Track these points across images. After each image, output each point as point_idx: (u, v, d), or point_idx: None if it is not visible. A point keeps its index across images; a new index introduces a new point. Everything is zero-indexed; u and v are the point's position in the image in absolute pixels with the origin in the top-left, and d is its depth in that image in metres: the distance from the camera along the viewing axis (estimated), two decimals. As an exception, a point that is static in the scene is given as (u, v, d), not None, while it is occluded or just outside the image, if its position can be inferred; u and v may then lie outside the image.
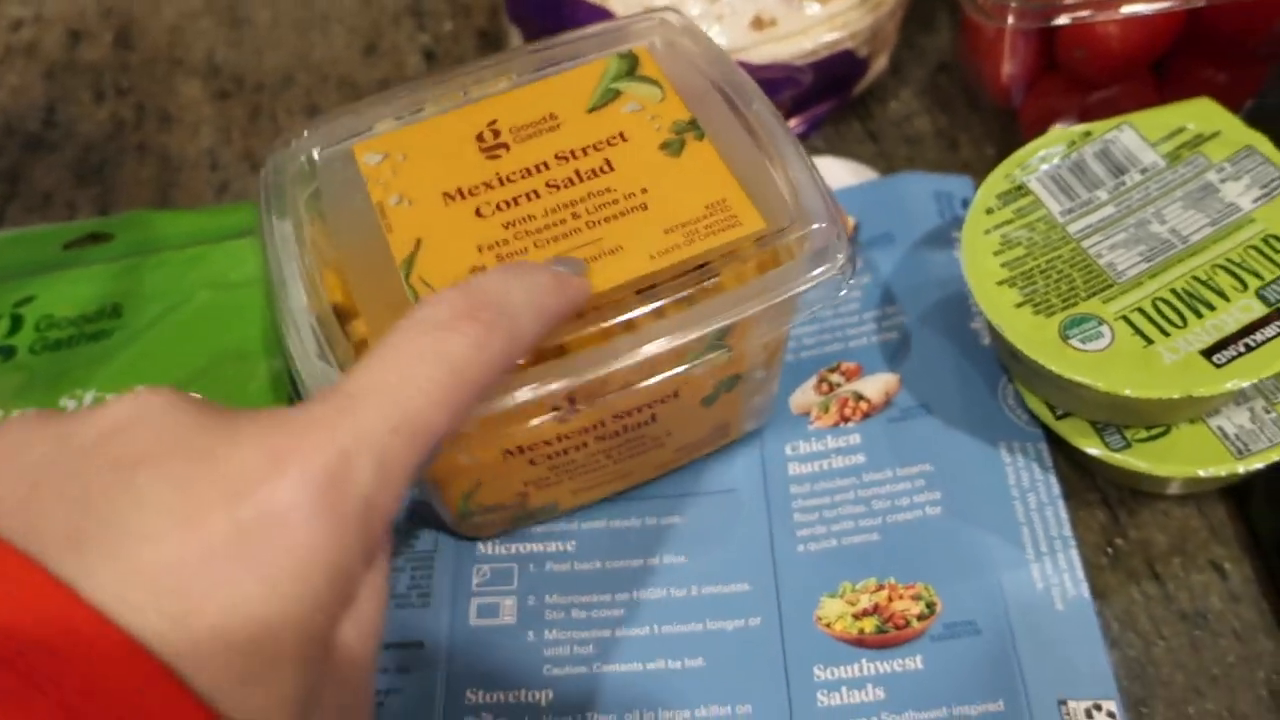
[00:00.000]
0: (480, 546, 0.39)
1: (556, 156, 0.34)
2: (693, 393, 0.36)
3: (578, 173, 0.33)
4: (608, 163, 0.33)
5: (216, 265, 0.45)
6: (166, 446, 0.21)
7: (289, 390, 0.42)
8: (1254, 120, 0.40)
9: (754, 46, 0.46)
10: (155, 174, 0.52)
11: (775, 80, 0.47)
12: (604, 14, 0.47)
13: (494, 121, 0.35)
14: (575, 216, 0.32)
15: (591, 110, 0.35)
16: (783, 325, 0.33)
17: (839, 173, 0.48)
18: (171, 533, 0.20)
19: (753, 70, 0.46)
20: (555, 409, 0.31)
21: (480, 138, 0.34)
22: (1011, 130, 0.48)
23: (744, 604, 0.37)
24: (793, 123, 0.49)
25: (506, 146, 0.34)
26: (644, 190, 0.32)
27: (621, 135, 0.34)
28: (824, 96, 0.50)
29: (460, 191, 0.33)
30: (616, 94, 0.35)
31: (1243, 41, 0.43)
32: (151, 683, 0.19)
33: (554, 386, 0.30)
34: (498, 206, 0.32)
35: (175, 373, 0.42)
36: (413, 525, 0.40)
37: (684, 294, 0.31)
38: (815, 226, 0.32)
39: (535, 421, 0.31)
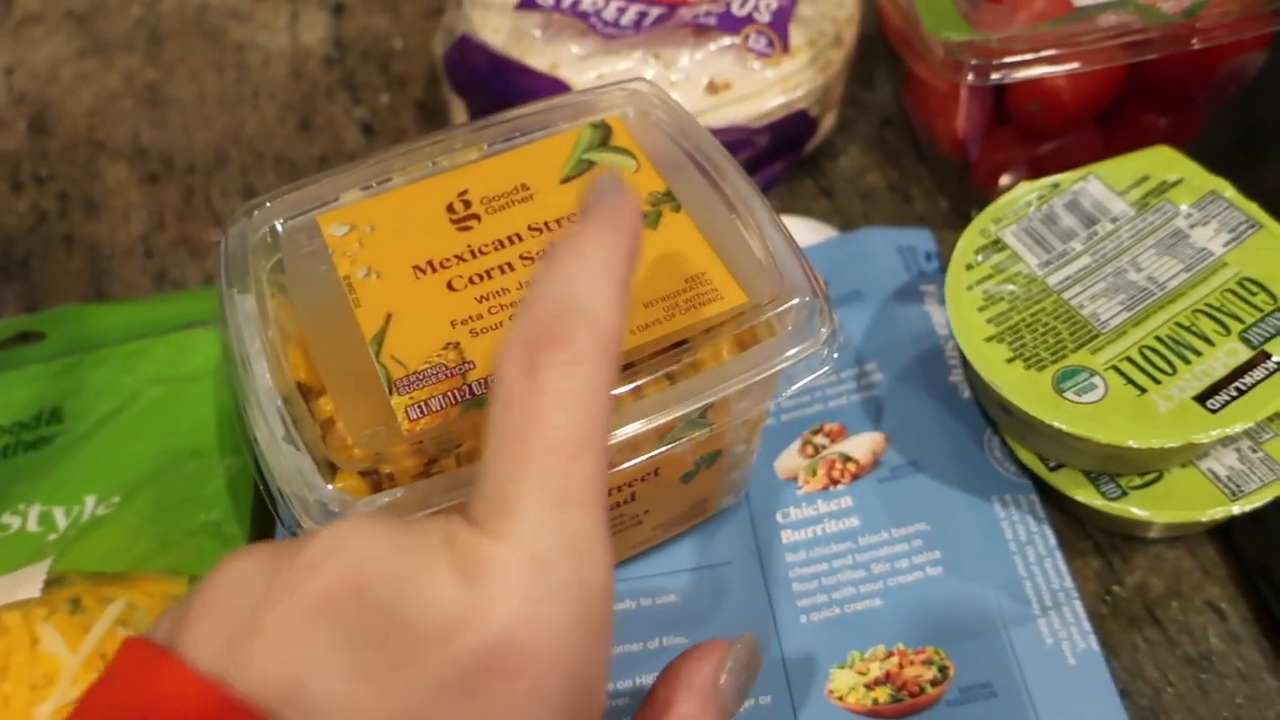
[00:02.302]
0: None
1: (530, 228, 0.32)
2: (673, 470, 0.35)
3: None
4: None
5: (162, 359, 0.43)
6: (369, 573, 0.20)
7: (250, 488, 0.39)
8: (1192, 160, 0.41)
9: (710, 110, 0.46)
10: (85, 265, 0.49)
11: (732, 143, 0.47)
12: (555, 83, 0.46)
13: (464, 192, 0.33)
14: None
15: (565, 181, 0.34)
16: (766, 400, 0.33)
17: (799, 231, 0.48)
18: (379, 685, 0.19)
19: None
20: None
21: (451, 208, 0.33)
22: (963, 182, 0.48)
23: None
24: (747, 183, 0.49)
25: (478, 218, 0.33)
26: None
27: None
28: (777, 156, 0.50)
29: (431, 264, 0.32)
30: (590, 164, 0.34)
31: (1183, 89, 0.45)
32: None
33: None
34: (470, 280, 0.31)
35: (126, 477, 0.39)
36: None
37: (664, 371, 0.30)
38: (797, 300, 0.31)
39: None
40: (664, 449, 0.31)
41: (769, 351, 0.30)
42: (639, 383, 0.29)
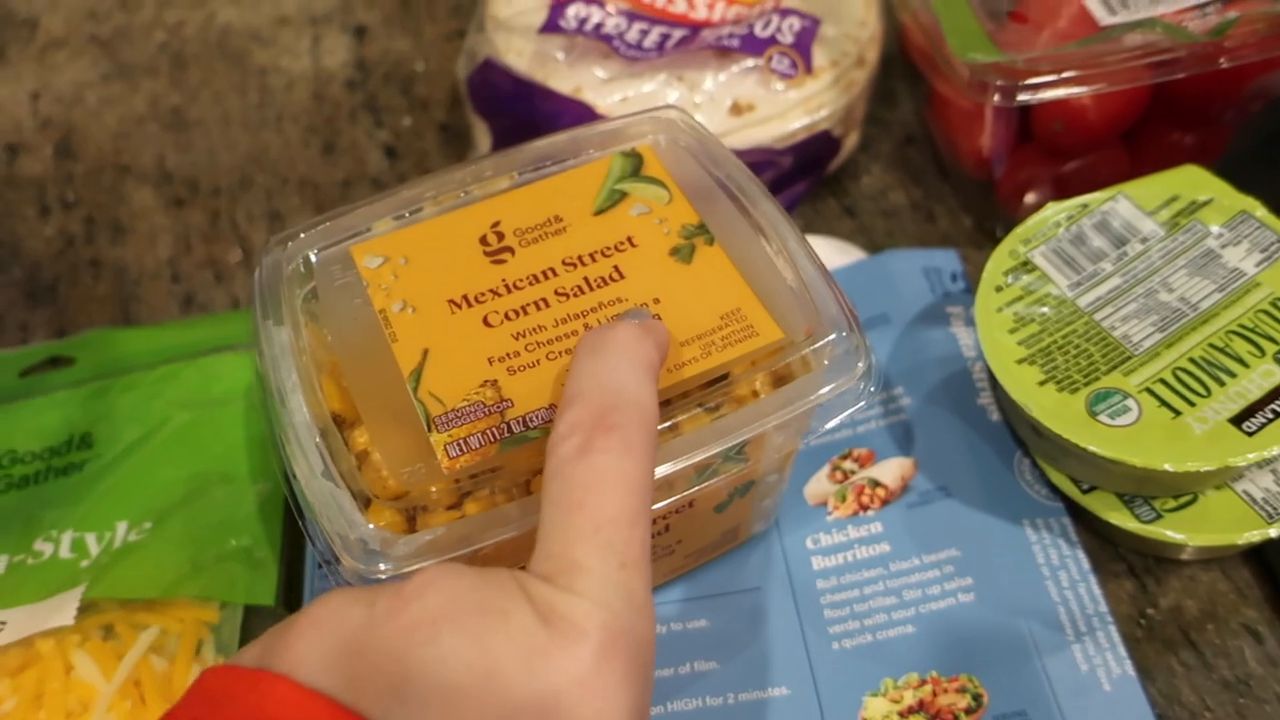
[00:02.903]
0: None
1: (564, 262, 0.32)
2: (707, 502, 0.35)
3: (587, 280, 0.32)
4: (617, 270, 0.32)
5: (191, 383, 0.43)
6: (458, 605, 0.23)
7: (281, 512, 0.39)
8: (1221, 179, 0.40)
9: (734, 132, 0.46)
10: (112, 289, 0.50)
11: (756, 164, 0.47)
12: (579, 106, 0.47)
13: (497, 223, 0.33)
14: (587, 328, 0.31)
15: (598, 213, 0.34)
16: (802, 433, 0.33)
17: (825, 252, 0.48)
18: (474, 694, 0.22)
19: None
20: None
21: (484, 240, 0.33)
22: (987, 200, 0.48)
23: (785, 710, 0.36)
24: (770, 203, 0.49)
25: (511, 250, 0.33)
26: (656, 300, 0.31)
27: (630, 240, 0.33)
28: (801, 176, 0.50)
29: (466, 299, 0.32)
30: (623, 195, 0.34)
31: (1207, 107, 0.45)
32: None
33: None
34: (506, 316, 0.31)
35: (157, 502, 0.39)
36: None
37: (702, 408, 0.30)
38: (834, 336, 0.31)
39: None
40: (700, 486, 0.31)
41: (806, 387, 0.30)
42: (677, 419, 0.29)
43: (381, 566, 0.27)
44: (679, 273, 0.32)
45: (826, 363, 0.31)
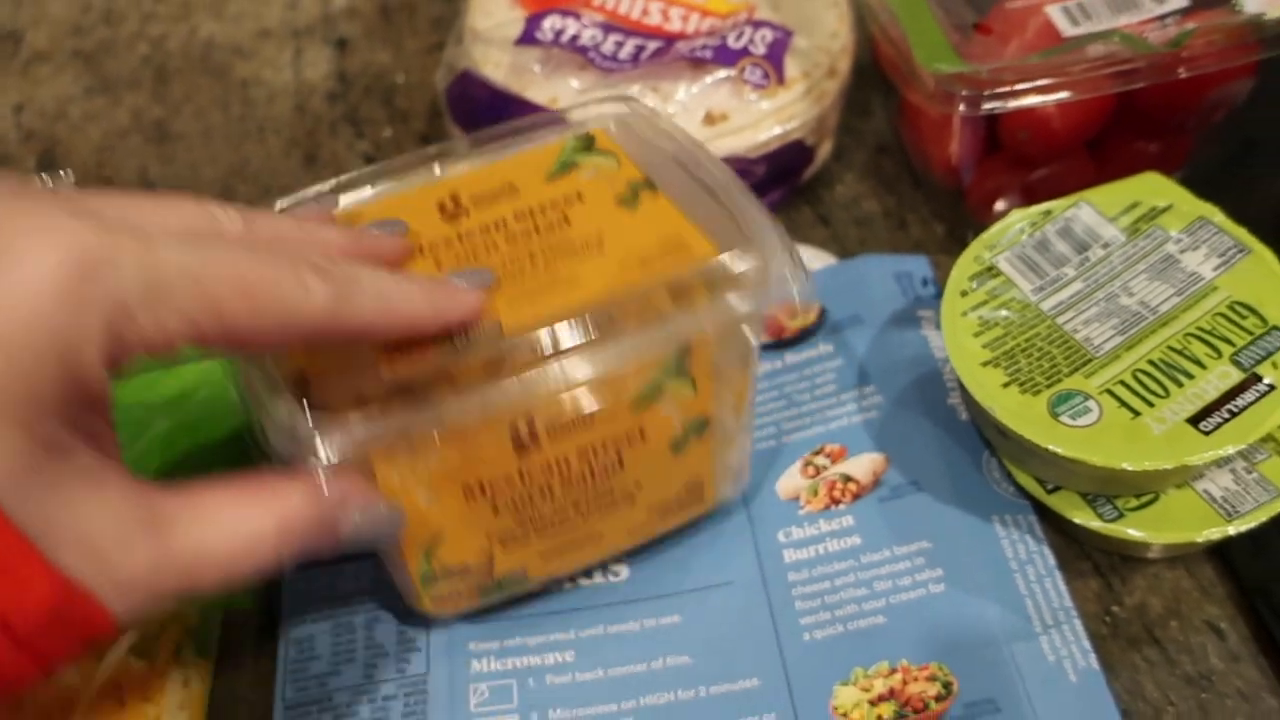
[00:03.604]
0: (475, 663, 0.38)
1: (515, 216, 0.34)
2: (659, 433, 0.35)
3: (536, 227, 0.34)
4: (565, 218, 0.34)
5: (171, 390, 0.43)
6: None
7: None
8: (1184, 187, 0.41)
9: (708, 141, 0.47)
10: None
11: (730, 172, 0.48)
12: (554, 116, 0.47)
13: (455, 193, 0.35)
14: (533, 261, 0.33)
15: (549, 180, 0.35)
16: (744, 357, 0.34)
17: (798, 259, 0.48)
18: None
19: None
20: (516, 438, 0.32)
21: (442, 207, 0.35)
22: (957, 208, 0.49)
23: (755, 700, 0.37)
24: (745, 212, 0.50)
25: (466, 212, 0.35)
26: (599, 238, 0.33)
27: (579, 195, 0.35)
28: (775, 186, 0.50)
29: (421, 248, 0.34)
30: (574, 165, 0.36)
31: (1172, 115, 0.46)
32: None
33: (503, 402, 0.30)
34: (456, 258, 0.33)
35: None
36: (401, 638, 0.38)
37: (639, 317, 0.32)
38: (769, 250, 0.33)
39: (495, 452, 0.32)
40: (646, 387, 0.32)
41: (741, 298, 0.32)
42: (618, 326, 0.31)
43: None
44: (622, 216, 0.34)
45: (763, 275, 0.32)
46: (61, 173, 0.30)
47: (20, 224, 0.24)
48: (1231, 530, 0.36)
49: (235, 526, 0.28)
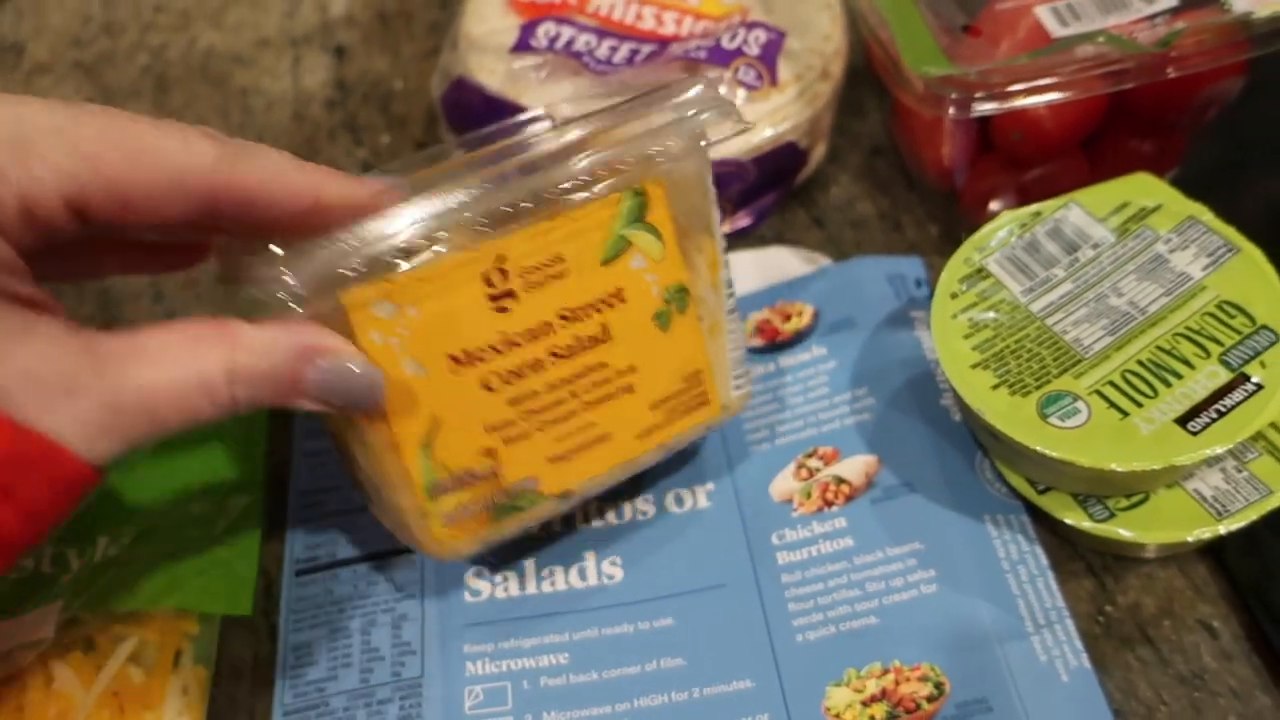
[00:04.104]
0: (470, 666, 0.38)
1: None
2: (640, 299, 0.35)
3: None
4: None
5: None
6: None
7: (259, 526, 0.40)
8: (1180, 186, 0.41)
9: (701, 145, 0.47)
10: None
11: (723, 175, 0.48)
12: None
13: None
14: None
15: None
16: (703, 215, 0.36)
17: (793, 262, 0.49)
18: None
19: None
20: (488, 284, 0.32)
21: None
22: (952, 209, 0.49)
23: (749, 702, 0.37)
24: (740, 215, 0.50)
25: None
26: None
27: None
28: (769, 188, 0.51)
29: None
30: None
31: (1164, 115, 0.46)
32: None
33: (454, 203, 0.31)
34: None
35: (137, 517, 0.40)
36: (394, 629, 0.39)
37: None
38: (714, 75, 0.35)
39: (471, 303, 0.33)
40: (614, 246, 0.34)
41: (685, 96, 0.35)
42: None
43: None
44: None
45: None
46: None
47: None
48: (1222, 529, 0.36)
49: (182, 368, 0.28)
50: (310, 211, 0.30)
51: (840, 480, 0.41)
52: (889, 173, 0.53)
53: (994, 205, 0.47)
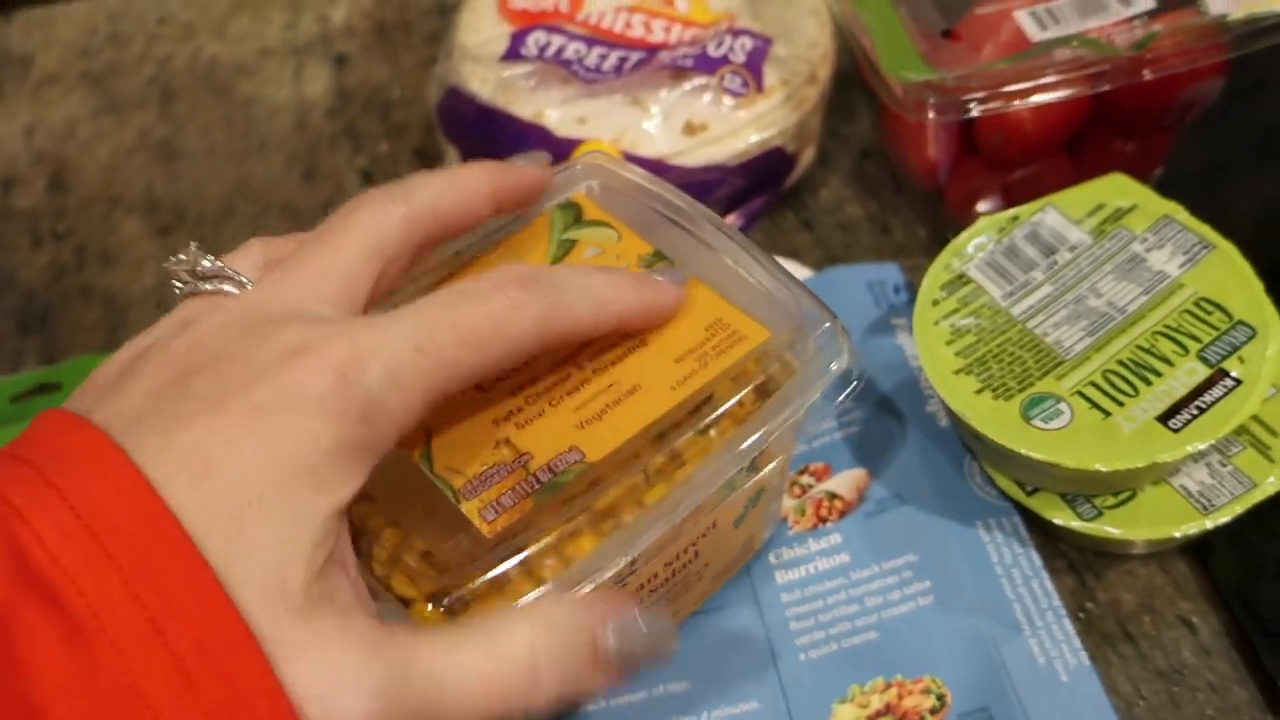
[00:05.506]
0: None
1: None
2: (727, 518, 0.36)
3: None
4: None
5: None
6: (216, 355, 0.26)
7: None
8: (1164, 186, 0.42)
9: (688, 151, 0.48)
10: (101, 317, 0.52)
11: (710, 181, 0.49)
12: (539, 130, 0.48)
13: None
14: (579, 367, 0.32)
15: (555, 263, 0.34)
16: (803, 431, 0.34)
17: (780, 266, 0.49)
18: (200, 415, 0.24)
19: (688, 173, 0.48)
20: (616, 576, 0.30)
21: None
22: (939, 211, 0.50)
23: None
24: (729, 219, 0.51)
25: None
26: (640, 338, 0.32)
27: None
28: (757, 193, 0.51)
29: None
30: (573, 243, 0.35)
31: (1146, 116, 0.46)
32: (159, 530, 0.23)
33: (621, 563, 0.29)
34: (497, 377, 0.32)
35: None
36: None
37: (701, 432, 0.31)
38: (820, 329, 0.32)
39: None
40: (724, 496, 0.32)
41: (803, 382, 0.32)
42: (681, 450, 0.31)
43: None
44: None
45: (816, 355, 0.32)
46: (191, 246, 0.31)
47: (276, 345, 0.25)
48: (1209, 524, 0.37)
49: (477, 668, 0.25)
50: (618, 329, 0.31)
51: (833, 496, 0.42)
52: (878, 176, 0.53)
53: (980, 206, 0.48)
